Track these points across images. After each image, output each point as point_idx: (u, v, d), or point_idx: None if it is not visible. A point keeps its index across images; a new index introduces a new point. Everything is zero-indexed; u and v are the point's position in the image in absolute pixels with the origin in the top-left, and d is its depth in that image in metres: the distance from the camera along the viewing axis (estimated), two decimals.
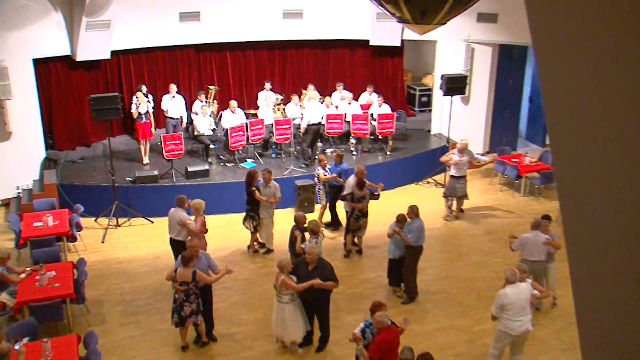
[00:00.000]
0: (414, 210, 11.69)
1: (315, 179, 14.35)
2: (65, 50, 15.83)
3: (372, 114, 17.28)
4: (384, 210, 13.89)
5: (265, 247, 13.66)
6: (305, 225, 11.61)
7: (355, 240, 13.68)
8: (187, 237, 11.51)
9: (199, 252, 10.37)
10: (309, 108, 16.74)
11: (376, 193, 13.25)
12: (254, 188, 13.10)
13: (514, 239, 11.30)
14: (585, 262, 2.11)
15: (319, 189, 14.27)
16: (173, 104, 16.73)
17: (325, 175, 13.95)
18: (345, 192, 13.22)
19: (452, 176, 15.01)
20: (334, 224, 14.53)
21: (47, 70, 16.09)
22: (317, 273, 9.82)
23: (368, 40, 18.66)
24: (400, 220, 11.61)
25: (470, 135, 18.46)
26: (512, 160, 16.80)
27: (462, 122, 18.03)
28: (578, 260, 2.15)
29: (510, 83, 18.90)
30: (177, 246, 11.72)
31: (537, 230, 11.12)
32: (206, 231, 12.01)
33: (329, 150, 17.11)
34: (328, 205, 14.35)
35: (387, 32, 18.14)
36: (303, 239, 11.43)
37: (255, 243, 13.74)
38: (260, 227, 13.48)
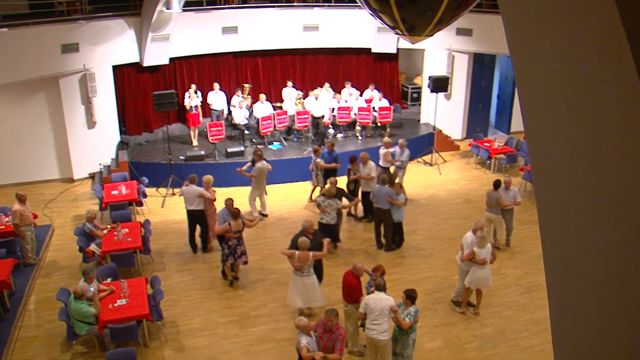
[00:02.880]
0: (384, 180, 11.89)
1: (311, 166, 13.94)
2: (135, 58, 15.90)
3: (373, 107, 17.23)
4: None
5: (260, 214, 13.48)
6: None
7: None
8: (203, 206, 11.55)
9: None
10: (321, 103, 16.73)
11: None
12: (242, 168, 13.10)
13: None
14: (557, 248, 2.04)
15: (316, 174, 13.87)
16: (216, 99, 16.70)
17: (323, 163, 13.60)
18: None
19: (385, 168, 13.97)
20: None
21: (121, 73, 16.08)
22: (313, 242, 9.51)
23: (370, 48, 18.48)
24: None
25: (451, 123, 18.45)
26: (484, 144, 16.66)
27: (445, 113, 17.87)
28: (551, 247, 2.07)
29: (483, 83, 18.72)
30: (194, 216, 11.65)
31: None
32: (215, 200, 11.84)
33: (339, 136, 17.15)
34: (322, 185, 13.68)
35: (385, 41, 17.98)
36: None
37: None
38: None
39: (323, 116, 16.70)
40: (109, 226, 11.31)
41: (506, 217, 11.95)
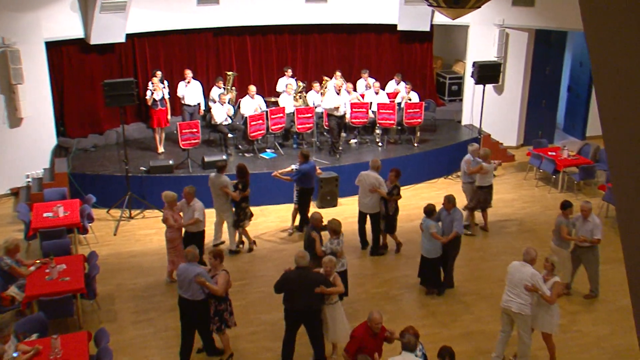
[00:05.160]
0: (451, 200, 11.80)
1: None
2: (78, 33, 15.93)
3: (399, 103, 17.22)
4: (411, 204, 13.80)
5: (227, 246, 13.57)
6: (324, 225, 11.30)
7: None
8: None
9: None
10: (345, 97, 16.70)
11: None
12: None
13: None
14: None
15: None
16: (189, 91, 16.78)
17: (282, 174, 13.68)
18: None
19: (482, 187, 13.99)
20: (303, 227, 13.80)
21: (59, 53, 16.23)
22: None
23: (395, 25, 18.61)
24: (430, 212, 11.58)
25: (504, 126, 18.44)
26: (549, 154, 16.69)
27: (495, 112, 17.96)
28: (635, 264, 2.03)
29: (548, 71, 18.82)
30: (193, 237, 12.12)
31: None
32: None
33: (353, 141, 17.13)
34: (298, 207, 13.86)
35: (415, 16, 18.09)
36: (322, 241, 11.16)
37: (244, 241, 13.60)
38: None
39: (345, 114, 16.68)
40: (37, 261, 11.13)
41: (583, 258, 11.68)
